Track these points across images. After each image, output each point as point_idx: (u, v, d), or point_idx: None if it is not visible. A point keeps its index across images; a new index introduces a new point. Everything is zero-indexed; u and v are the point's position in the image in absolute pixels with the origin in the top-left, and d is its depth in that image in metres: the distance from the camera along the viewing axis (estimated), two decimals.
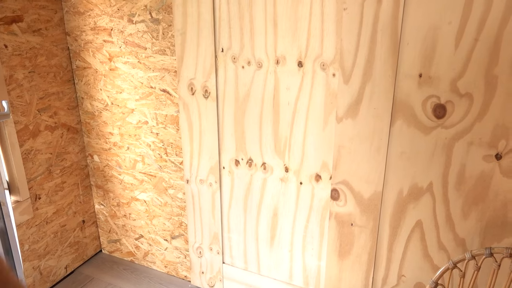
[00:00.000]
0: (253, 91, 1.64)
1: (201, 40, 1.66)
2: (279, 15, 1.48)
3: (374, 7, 1.31)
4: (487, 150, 1.28)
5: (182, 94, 1.79)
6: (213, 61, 1.67)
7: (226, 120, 1.74)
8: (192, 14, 1.64)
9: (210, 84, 1.71)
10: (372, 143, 1.45)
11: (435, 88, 1.30)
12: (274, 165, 1.70)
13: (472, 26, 1.20)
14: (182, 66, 1.75)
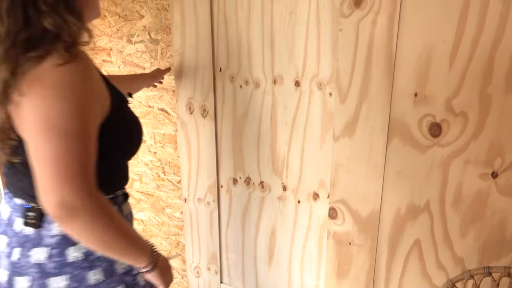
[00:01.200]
0: (250, 110, 1.65)
1: (200, 60, 1.68)
2: (276, 35, 1.51)
3: (369, 28, 1.33)
4: (483, 168, 1.29)
5: (181, 113, 1.80)
6: (211, 80, 1.68)
7: (224, 139, 1.75)
8: (190, 34, 1.66)
9: (208, 103, 1.72)
10: (369, 162, 1.45)
11: (430, 107, 1.31)
12: (272, 183, 1.70)
13: (465, 45, 1.22)
14: (181, 86, 1.76)
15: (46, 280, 0.90)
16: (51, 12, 0.78)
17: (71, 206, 0.76)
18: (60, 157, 0.76)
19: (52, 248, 0.90)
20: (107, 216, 0.82)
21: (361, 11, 1.33)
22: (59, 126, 0.76)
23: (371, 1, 1.31)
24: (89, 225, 0.79)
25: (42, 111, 0.76)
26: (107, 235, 0.82)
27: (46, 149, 0.77)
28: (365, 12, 1.32)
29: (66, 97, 0.78)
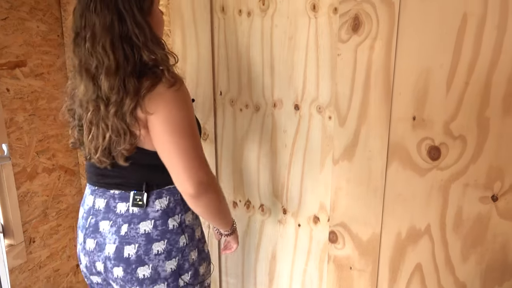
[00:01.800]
0: (250, 134, 1.66)
1: (200, 84, 1.70)
2: (275, 60, 1.53)
3: (367, 53, 1.35)
4: (483, 191, 1.29)
5: None
6: (212, 104, 1.70)
7: (224, 162, 1.75)
8: (191, 59, 1.68)
9: (209, 127, 1.73)
10: (368, 185, 1.45)
11: (429, 131, 1.32)
12: (272, 207, 1.70)
13: (462, 69, 1.24)
14: None
15: (150, 245, 1.16)
16: (144, 47, 1.03)
17: (206, 183, 1.07)
18: (190, 151, 1.05)
19: (156, 220, 1.17)
20: (221, 191, 1.18)
21: (358, 36, 1.35)
22: (184, 129, 1.05)
23: (368, 27, 1.33)
24: (216, 197, 1.12)
25: (170, 120, 1.04)
26: (222, 206, 1.18)
27: (181, 147, 1.04)
28: (363, 38, 1.35)
29: (183, 108, 1.06)
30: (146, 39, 1.04)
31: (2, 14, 1.77)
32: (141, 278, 1.17)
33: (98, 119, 1.09)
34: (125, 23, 1.03)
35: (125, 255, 1.17)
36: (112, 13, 1.01)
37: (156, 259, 1.17)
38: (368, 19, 1.33)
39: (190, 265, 1.23)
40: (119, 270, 1.18)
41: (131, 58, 1.03)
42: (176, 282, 1.20)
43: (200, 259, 1.27)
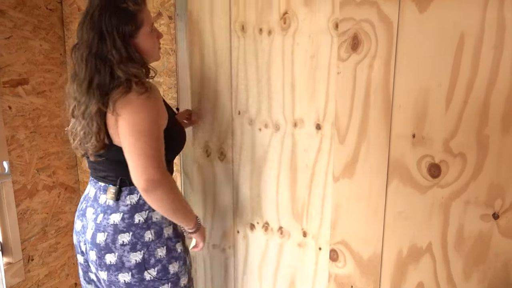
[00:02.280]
0: (270, 154, 1.62)
1: (218, 103, 1.69)
2: (296, 79, 1.50)
3: (366, 71, 1.37)
4: (484, 209, 1.28)
5: (197, 156, 1.78)
6: (230, 123, 1.68)
7: (241, 183, 1.71)
8: (209, 79, 1.67)
9: (226, 147, 1.70)
10: (369, 203, 1.45)
11: (428, 148, 1.33)
12: (292, 229, 1.64)
13: (461, 88, 1.25)
14: (198, 129, 1.75)
15: (117, 235, 1.29)
16: (120, 65, 1.19)
17: (155, 180, 1.16)
18: (145, 151, 1.16)
19: (124, 213, 1.30)
20: (175, 189, 1.23)
21: (358, 55, 1.37)
22: (143, 132, 1.17)
23: (367, 46, 1.35)
24: (166, 194, 1.20)
25: (134, 121, 1.17)
26: (175, 202, 1.24)
27: (136, 146, 1.16)
28: (362, 56, 1.37)
29: (147, 113, 1.18)
30: (121, 58, 1.20)
31: (5, 33, 1.79)
32: (108, 264, 1.31)
33: (77, 116, 1.28)
34: (104, 43, 1.20)
35: (97, 241, 1.31)
36: (95, 33, 1.20)
37: (121, 249, 1.29)
38: (367, 38, 1.35)
39: (156, 260, 1.32)
40: (93, 253, 1.33)
41: (102, 72, 1.20)
42: (141, 275, 1.31)
43: (170, 257, 1.35)
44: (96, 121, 1.22)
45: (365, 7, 1.33)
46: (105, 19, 1.19)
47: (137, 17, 1.24)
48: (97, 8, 1.21)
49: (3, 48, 1.79)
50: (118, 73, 1.19)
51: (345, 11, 1.36)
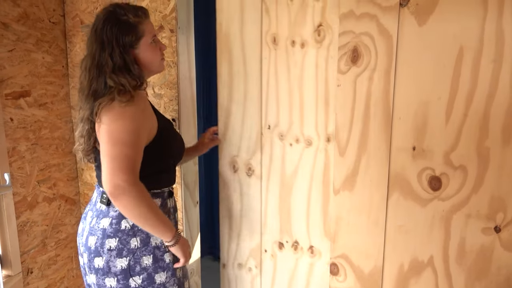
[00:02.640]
0: (301, 169, 1.57)
1: (247, 117, 1.64)
2: (331, 92, 1.46)
3: (366, 84, 1.37)
4: (485, 222, 1.27)
5: (223, 172, 1.73)
6: (259, 138, 1.63)
7: (270, 199, 1.65)
8: (238, 92, 1.63)
9: (255, 162, 1.65)
10: (369, 215, 1.44)
11: (429, 161, 1.32)
12: (323, 248, 1.58)
13: (460, 101, 1.25)
14: (225, 143, 1.70)
15: (105, 240, 1.31)
16: (112, 74, 1.25)
17: (121, 187, 1.17)
18: (115, 156, 1.18)
19: (113, 218, 1.32)
20: (143, 198, 1.21)
21: (357, 67, 1.38)
22: (118, 139, 1.19)
23: (367, 59, 1.36)
24: (131, 202, 1.19)
25: (108, 127, 1.21)
26: (143, 211, 1.21)
27: (108, 151, 1.19)
28: (362, 69, 1.37)
29: (125, 122, 1.21)
30: (114, 67, 1.26)
31: (8, 46, 1.81)
32: (96, 268, 1.34)
33: (77, 121, 1.36)
34: (103, 52, 1.26)
35: (89, 244, 1.35)
36: (97, 44, 1.27)
37: (108, 253, 1.32)
38: (367, 51, 1.35)
39: (142, 269, 1.33)
40: (85, 256, 1.37)
41: (98, 80, 1.26)
42: (127, 281, 1.33)
43: (156, 266, 1.35)
44: (87, 125, 1.29)
45: (364, 20, 1.34)
46: (107, 30, 1.26)
47: (137, 28, 1.29)
48: (101, 21, 1.29)
49: (6, 61, 1.81)
50: (108, 82, 1.25)
51: (345, 24, 1.37)
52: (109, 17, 1.28)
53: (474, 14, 1.20)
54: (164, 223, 1.29)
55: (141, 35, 1.30)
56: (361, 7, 1.34)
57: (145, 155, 1.27)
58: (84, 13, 2.01)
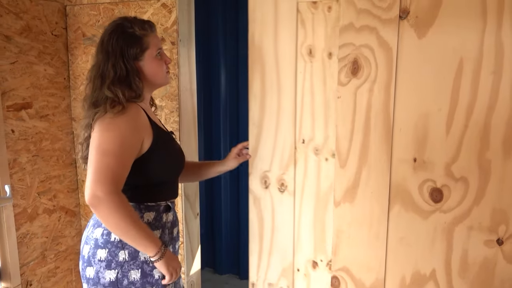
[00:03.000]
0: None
1: (280, 132, 1.57)
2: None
3: (366, 96, 1.37)
4: (487, 235, 1.27)
5: (254, 187, 1.65)
6: (293, 153, 1.56)
7: (304, 217, 1.58)
8: (271, 105, 1.57)
9: (288, 177, 1.58)
10: (371, 228, 1.43)
11: (430, 172, 1.32)
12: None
13: (460, 113, 1.25)
14: (256, 158, 1.63)
15: (96, 250, 1.31)
16: (110, 85, 1.27)
17: (98, 197, 1.17)
18: (98, 167, 1.19)
19: (104, 229, 1.32)
20: (120, 210, 1.18)
21: (358, 79, 1.38)
22: (105, 149, 1.20)
23: (367, 70, 1.36)
24: (108, 213, 1.18)
25: (96, 137, 1.23)
26: (122, 223, 1.19)
27: (93, 161, 1.20)
28: (362, 81, 1.37)
29: (115, 132, 1.22)
30: (114, 79, 1.27)
31: (11, 58, 1.82)
32: (87, 277, 1.34)
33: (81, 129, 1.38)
34: (107, 64, 1.28)
35: (83, 253, 1.36)
36: (102, 55, 1.30)
37: (98, 264, 1.31)
38: (367, 63, 1.36)
39: (129, 282, 1.31)
40: (80, 264, 1.38)
41: (97, 90, 1.29)
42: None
43: (144, 281, 1.32)
44: (87, 133, 1.31)
45: (364, 33, 1.35)
46: (113, 41, 1.29)
47: (142, 40, 1.31)
48: (107, 32, 1.32)
49: (8, 73, 1.82)
50: (105, 92, 1.27)
51: (345, 36, 1.38)
52: (116, 29, 1.31)
53: (473, 26, 1.20)
54: (146, 237, 1.24)
55: (146, 47, 1.32)
56: (361, 19, 1.35)
57: (138, 167, 1.27)
58: (86, 26, 2.03)
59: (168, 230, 1.40)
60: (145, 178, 1.31)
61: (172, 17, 1.85)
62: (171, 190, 1.45)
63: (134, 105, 1.29)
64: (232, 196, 3.03)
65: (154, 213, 1.36)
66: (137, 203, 1.33)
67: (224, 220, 3.06)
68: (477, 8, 1.20)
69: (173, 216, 1.45)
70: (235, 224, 3.04)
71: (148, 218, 1.34)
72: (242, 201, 2.92)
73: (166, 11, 1.87)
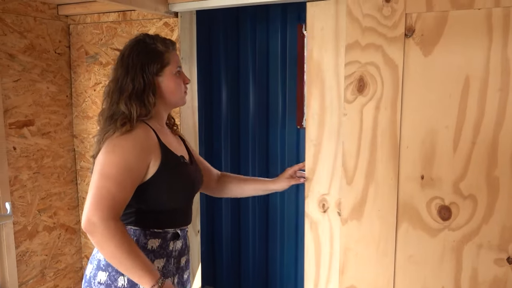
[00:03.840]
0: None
1: (340, 152, 1.49)
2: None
3: (372, 113, 1.37)
4: (497, 253, 1.25)
5: (310, 211, 1.57)
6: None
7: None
8: (331, 123, 1.50)
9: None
10: (378, 246, 1.42)
11: (438, 190, 1.31)
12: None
13: (468, 130, 1.25)
14: (313, 180, 1.55)
15: (97, 271, 1.27)
16: (127, 100, 1.24)
17: (94, 224, 1.13)
18: (97, 191, 1.15)
19: None
20: (117, 238, 1.14)
21: (364, 97, 1.38)
22: (108, 173, 1.16)
23: (373, 88, 1.36)
24: (103, 240, 1.14)
25: (101, 160, 1.19)
26: (117, 252, 1.14)
27: (93, 184, 1.17)
28: (368, 98, 1.38)
29: (115, 153, 1.18)
30: (132, 93, 1.24)
31: (14, 76, 1.82)
32: None
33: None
34: (126, 78, 1.26)
35: (86, 272, 1.33)
36: (122, 69, 1.27)
37: (97, 287, 1.26)
38: (373, 80, 1.36)
39: None
40: (82, 282, 1.33)
41: (114, 104, 1.26)
42: None
43: None
44: (97, 148, 1.27)
45: (370, 50, 1.36)
46: (133, 56, 1.27)
47: (163, 56, 1.29)
48: (128, 47, 1.30)
49: (11, 91, 1.81)
50: (121, 106, 1.24)
51: (351, 54, 1.39)
52: (137, 44, 1.29)
53: (479, 44, 1.21)
54: (142, 268, 1.17)
55: (166, 63, 1.29)
56: (366, 37, 1.36)
57: (143, 191, 1.22)
58: (89, 44, 2.04)
59: (174, 260, 1.33)
60: (151, 203, 1.26)
61: (174, 36, 1.86)
62: (181, 216, 1.37)
63: (143, 125, 1.25)
64: (233, 213, 3.01)
65: (160, 240, 1.29)
66: (142, 229, 1.27)
67: (225, 237, 3.03)
68: (482, 26, 1.21)
69: (183, 244, 1.37)
70: (236, 241, 3.02)
71: (152, 245, 1.27)
72: (243, 218, 2.90)
73: (168, 29, 1.88)
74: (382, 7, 1.32)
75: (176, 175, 1.30)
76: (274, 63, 2.48)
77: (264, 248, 2.73)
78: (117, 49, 1.97)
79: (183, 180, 1.33)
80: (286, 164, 2.47)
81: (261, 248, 2.74)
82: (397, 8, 1.30)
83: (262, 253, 2.74)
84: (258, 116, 2.59)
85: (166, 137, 1.33)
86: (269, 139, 2.57)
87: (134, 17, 1.91)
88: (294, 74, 2.41)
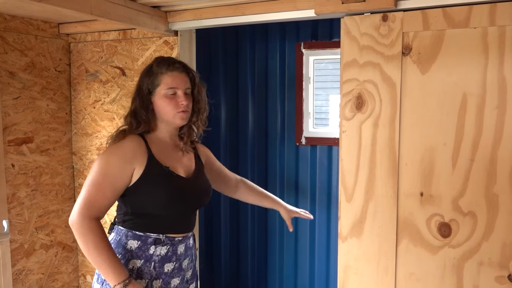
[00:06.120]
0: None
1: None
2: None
3: (371, 130, 1.38)
4: (498, 271, 1.25)
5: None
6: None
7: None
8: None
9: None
10: (379, 263, 1.41)
11: (437, 207, 1.31)
12: None
13: (466, 147, 1.26)
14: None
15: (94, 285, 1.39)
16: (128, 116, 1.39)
17: (72, 220, 1.27)
18: (82, 192, 1.29)
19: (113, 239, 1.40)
20: (90, 235, 1.26)
21: (362, 114, 1.39)
22: (90, 175, 1.30)
23: (371, 105, 1.37)
24: (78, 236, 1.27)
25: (93, 166, 1.32)
26: (89, 248, 1.26)
27: (84, 186, 1.30)
28: (367, 115, 1.39)
29: (99, 161, 1.31)
30: (131, 112, 1.39)
31: (14, 94, 1.82)
32: None
33: None
34: (134, 96, 1.40)
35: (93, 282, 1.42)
36: (136, 87, 1.41)
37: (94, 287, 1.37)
38: (371, 98, 1.37)
39: None
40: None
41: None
42: None
43: None
44: None
45: (368, 68, 1.37)
46: (140, 78, 1.42)
47: (156, 77, 1.38)
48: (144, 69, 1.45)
49: (11, 108, 1.82)
50: (124, 122, 1.42)
51: (349, 72, 1.40)
52: (145, 67, 1.43)
53: (476, 62, 1.23)
54: (109, 266, 1.26)
55: (157, 84, 1.38)
56: (364, 55, 1.38)
57: (128, 195, 1.33)
58: (89, 62, 2.05)
59: (156, 264, 1.35)
60: (134, 207, 1.35)
61: (174, 54, 1.88)
62: (170, 224, 1.40)
63: (134, 137, 1.36)
64: (232, 231, 2.99)
65: (140, 243, 1.34)
66: (127, 229, 1.36)
67: (224, 254, 3.01)
68: (478, 44, 1.23)
69: (169, 251, 1.38)
70: (235, 259, 2.99)
71: (131, 245, 1.35)
72: (242, 236, 2.88)
73: (168, 48, 1.90)
74: (379, 26, 1.35)
75: (158, 183, 1.35)
76: (273, 81, 2.50)
77: (263, 253, 2.72)
78: (117, 67, 1.98)
79: (165, 189, 1.36)
80: (285, 181, 2.47)
81: (260, 253, 2.73)
82: (394, 27, 1.32)
83: (261, 258, 2.73)
84: (257, 133, 2.60)
85: (161, 149, 1.40)
86: (268, 156, 2.57)
87: (135, 36, 1.93)
88: (293, 92, 2.43)
